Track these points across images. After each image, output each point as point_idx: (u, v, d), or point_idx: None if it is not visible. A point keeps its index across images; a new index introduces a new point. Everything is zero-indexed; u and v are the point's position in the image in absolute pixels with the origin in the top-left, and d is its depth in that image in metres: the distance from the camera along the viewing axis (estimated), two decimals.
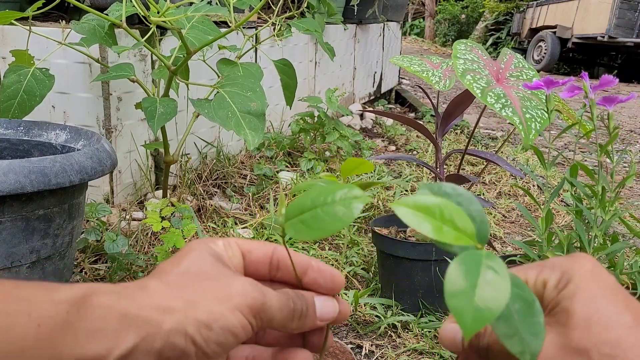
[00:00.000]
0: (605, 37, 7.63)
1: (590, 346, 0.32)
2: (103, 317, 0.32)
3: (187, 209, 1.43)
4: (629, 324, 0.33)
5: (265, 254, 0.40)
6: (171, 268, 0.36)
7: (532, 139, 1.03)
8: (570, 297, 0.34)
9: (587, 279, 0.34)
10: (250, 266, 0.40)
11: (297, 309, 0.37)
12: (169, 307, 0.33)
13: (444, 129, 1.40)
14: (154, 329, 0.32)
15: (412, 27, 13.56)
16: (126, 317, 0.32)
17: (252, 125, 1.29)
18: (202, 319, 0.33)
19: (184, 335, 0.32)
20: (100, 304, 0.32)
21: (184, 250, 0.38)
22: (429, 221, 0.31)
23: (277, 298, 0.36)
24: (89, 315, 0.31)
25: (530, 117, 1.05)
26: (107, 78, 1.41)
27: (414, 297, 1.33)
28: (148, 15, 1.30)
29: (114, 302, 0.32)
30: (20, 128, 1.25)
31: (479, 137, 3.36)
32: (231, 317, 0.33)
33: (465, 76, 1.10)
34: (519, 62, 1.26)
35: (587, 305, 0.33)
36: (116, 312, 0.32)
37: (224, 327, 0.33)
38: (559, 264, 0.36)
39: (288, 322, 0.37)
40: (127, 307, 0.32)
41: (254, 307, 0.35)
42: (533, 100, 1.09)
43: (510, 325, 0.31)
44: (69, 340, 0.30)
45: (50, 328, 0.30)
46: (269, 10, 2.58)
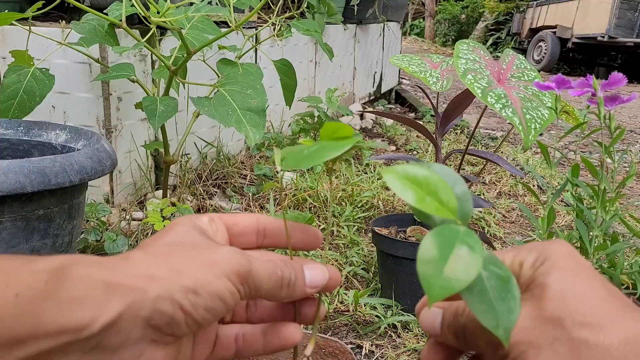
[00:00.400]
0: (605, 37, 7.64)
1: (565, 315, 0.32)
2: (85, 286, 0.31)
3: (187, 209, 1.43)
4: (603, 296, 0.33)
5: (251, 224, 0.40)
6: (155, 241, 0.36)
7: (532, 140, 1.03)
8: (546, 273, 0.34)
9: (564, 258, 0.35)
10: (237, 238, 0.40)
11: (285, 276, 0.37)
12: (154, 274, 0.32)
13: (444, 129, 1.40)
14: (139, 296, 0.31)
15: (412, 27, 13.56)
16: (109, 285, 0.31)
17: (253, 121, 1.29)
18: (189, 285, 0.32)
19: (171, 302, 0.32)
20: (81, 273, 0.31)
21: (168, 226, 0.38)
22: (414, 190, 0.32)
23: (264, 265, 0.36)
24: (70, 284, 0.30)
25: (530, 118, 1.05)
26: (107, 78, 1.41)
27: (414, 297, 1.33)
28: (148, 16, 1.30)
29: (95, 271, 0.31)
30: (20, 128, 1.25)
31: (479, 137, 3.36)
32: (218, 283, 0.33)
33: (467, 76, 1.10)
34: (520, 63, 1.26)
35: (562, 279, 0.34)
36: (99, 281, 0.31)
37: (212, 292, 0.33)
38: (536, 247, 0.36)
39: (277, 290, 0.37)
40: (110, 276, 0.31)
41: (241, 273, 0.34)
42: (534, 101, 1.09)
43: (484, 300, 0.31)
44: (50, 310, 0.29)
45: (29, 297, 0.29)
46: (268, 10, 2.58)
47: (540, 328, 0.33)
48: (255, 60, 2.40)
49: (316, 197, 1.92)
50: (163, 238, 0.36)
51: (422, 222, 1.48)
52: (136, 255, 0.34)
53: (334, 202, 1.92)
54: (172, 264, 0.33)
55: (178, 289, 0.32)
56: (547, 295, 0.33)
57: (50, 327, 0.29)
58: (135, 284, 0.32)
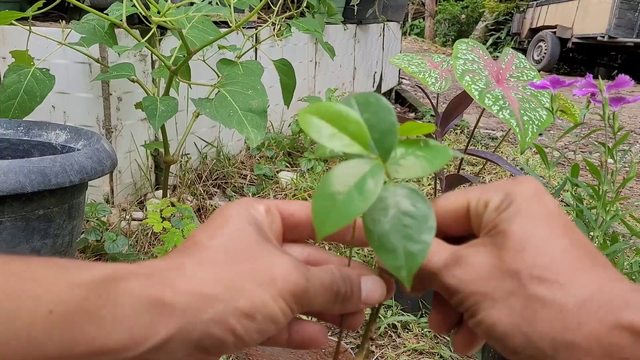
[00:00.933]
0: (605, 37, 7.64)
1: (522, 268, 0.30)
2: (131, 304, 0.28)
3: (187, 209, 1.43)
4: (563, 248, 0.31)
5: (307, 215, 0.37)
6: (208, 241, 0.33)
7: (529, 142, 1.02)
8: (509, 219, 0.32)
9: (529, 201, 0.33)
10: (292, 230, 0.37)
11: (340, 292, 0.34)
12: (209, 294, 0.30)
13: (444, 129, 1.40)
14: (192, 319, 0.29)
15: (412, 27, 13.56)
16: (159, 305, 0.28)
17: (254, 122, 1.29)
18: (245, 309, 0.30)
19: (224, 326, 0.30)
20: (127, 289, 0.28)
21: (220, 218, 0.34)
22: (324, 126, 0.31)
23: (321, 281, 0.33)
24: (114, 302, 0.28)
25: (527, 120, 1.04)
26: (107, 78, 1.41)
27: (414, 298, 1.33)
28: (149, 15, 1.30)
29: (144, 287, 0.29)
30: (20, 128, 1.25)
31: (479, 137, 3.36)
32: (274, 305, 0.31)
33: (464, 77, 1.10)
34: (520, 63, 1.26)
35: (524, 228, 0.32)
36: (147, 299, 0.28)
37: (266, 316, 0.31)
38: (503, 186, 0.34)
39: (330, 306, 0.34)
40: (161, 293, 0.29)
41: (297, 293, 0.32)
42: (532, 102, 1.09)
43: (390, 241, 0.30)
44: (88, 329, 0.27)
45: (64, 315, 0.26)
46: (268, 10, 2.58)
47: (497, 280, 0.31)
48: (255, 60, 2.40)
49: None
50: (216, 238, 0.33)
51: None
52: (189, 265, 0.31)
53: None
54: (228, 281, 0.31)
55: (233, 312, 0.30)
56: (507, 246, 0.31)
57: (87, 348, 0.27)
58: (189, 305, 0.29)
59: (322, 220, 0.29)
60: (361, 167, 0.30)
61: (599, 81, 0.79)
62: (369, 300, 0.36)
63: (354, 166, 0.30)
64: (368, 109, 0.32)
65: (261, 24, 2.18)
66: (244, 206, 0.35)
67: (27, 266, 0.28)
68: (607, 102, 0.79)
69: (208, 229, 0.33)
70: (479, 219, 0.34)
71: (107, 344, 0.27)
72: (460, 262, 0.33)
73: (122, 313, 0.28)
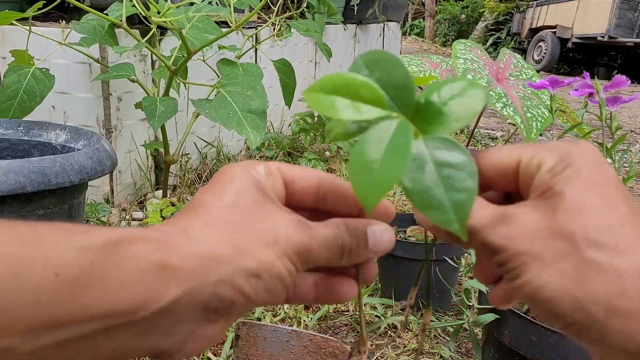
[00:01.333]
0: (605, 37, 7.63)
1: (578, 231, 0.29)
2: (139, 268, 0.28)
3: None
4: (623, 215, 0.29)
5: (310, 184, 0.36)
6: (213, 201, 0.32)
7: (534, 138, 1.02)
8: (565, 181, 0.31)
9: (588, 166, 0.31)
10: (294, 196, 0.36)
11: (345, 246, 0.34)
12: (215, 255, 0.30)
13: None
14: (199, 280, 0.29)
15: (412, 27, 13.56)
16: (167, 268, 0.28)
17: (254, 124, 1.29)
18: (251, 268, 0.30)
19: (232, 286, 0.30)
20: (134, 253, 0.28)
21: (223, 178, 0.34)
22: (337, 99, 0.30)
23: (324, 239, 0.33)
24: (121, 265, 0.28)
25: (531, 117, 1.05)
26: (107, 78, 1.41)
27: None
28: (149, 16, 1.30)
29: (150, 250, 0.29)
30: (20, 128, 1.25)
31: (479, 137, 3.36)
32: (279, 264, 0.31)
33: (467, 76, 1.10)
34: (518, 62, 1.26)
35: (582, 192, 0.30)
36: (154, 263, 0.28)
37: (272, 275, 0.31)
38: (559, 148, 0.32)
39: (336, 260, 0.34)
40: (168, 257, 0.29)
41: (301, 251, 0.32)
42: (533, 99, 1.09)
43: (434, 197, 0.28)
44: (95, 292, 0.27)
45: (70, 278, 0.26)
46: (268, 10, 2.58)
47: (547, 240, 0.30)
48: (255, 60, 2.40)
49: None
50: (222, 199, 0.32)
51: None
52: (194, 227, 0.31)
53: None
54: (234, 241, 0.31)
55: (240, 272, 0.30)
56: (562, 206, 0.30)
57: (95, 310, 0.27)
58: (196, 267, 0.29)
59: (365, 192, 0.28)
60: (387, 129, 0.29)
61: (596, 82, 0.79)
62: (377, 249, 0.35)
63: (380, 130, 0.29)
64: (377, 67, 0.31)
65: (261, 24, 2.18)
66: (245, 168, 0.34)
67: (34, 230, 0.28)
68: (604, 103, 0.79)
69: (212, 189, 0.33)
70: (529, 179, 0.33)
71: (113, 306, 0.27)
72: (508, 220, 0.31)
73: (128, 276, 0.28)
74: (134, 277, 0.28)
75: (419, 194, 0.29)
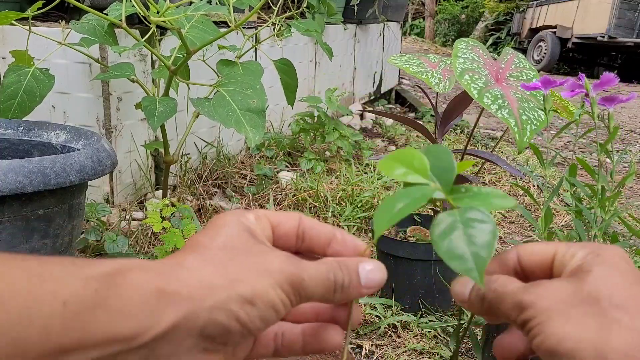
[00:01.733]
0: (605, 37, 7.63)
1: (602, 296, 0.32)
2: (138, 294, 0.30)
3: (187, 209, 1.43)
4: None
5: (292, 225, 0.39)
6: (208, 242, 0.35)
7: (526, 142, 1.02)
8: (593, 264, 0.35)
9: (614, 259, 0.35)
10: (279, 239, 0.39)
11: (337, 281, 0.36)
12: (211, 283, 0.32)
13: (444, 129, 1.40)
14: (195, 306, 0.30)
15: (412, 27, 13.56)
16: (164, 294, 0.30)
17: (253, 122, 1.29)
18: (246, 295, 0.32)
19: (227, 312, 0.31)
20: (134, 280, 0.30)
21: (217, 224, 0.36)
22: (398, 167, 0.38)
23: (316, 273, 0.35)
24: (122, 292, 0.29)
25: (526, 119, 1.04)
26: (107, 77, 1.41)
27: (414, 297, 1.33)
28: (148, 15, 1.30)
29: (150, 278, 0.30)
30: (20, 128, 1.25)
31: (479, 137, 3.36)
32: (272, 293, 0.33)
33: (464, 76, 1.10)
34: (519, 62, 1.26)
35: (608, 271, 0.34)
36: (153, 289, 0.30)
37: (267, 303, 0.32)
38: (591, 245, 0.37)
39: (330, 295, 0.36)
40: (166, 284, 0.30)
41: (294, 283, 0.34)
42: (531, 101, 1.09)
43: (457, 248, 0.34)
44: (100, 319, 0.28)
45: (77, 306, 0.28)
46: (268, 10, 2.58)
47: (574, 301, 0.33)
48: (255, 60, 2.40)
49: (316, 197, 1.92)
50: (215, 240, 0.35)
51: (422, 221, 1.48)
52: (192, 262, 0.33)
53: (333, 202, 1.92)
54: (229, 272, 0.32)
55: (235, 298, 0.31)
56: (589, 279, 0.34)
57: (99, 337, 0.28)
58: (192, 292, 0.31)
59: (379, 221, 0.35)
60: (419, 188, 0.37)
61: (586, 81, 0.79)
62: (370, 285, 0.37)
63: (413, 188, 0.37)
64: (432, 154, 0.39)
65: (261, 24, 2.18)
66: (236, 216, 0.37)
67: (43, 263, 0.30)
68: (595, 102, 0.79)
69: (206, 233, 0.36)
70: (562, 267, 0.37)
71: (115, 332, 0.29)
72: (540, 284, 0.35)
73: (128, 302, 0.29)
74: (134, 303, 0.29)
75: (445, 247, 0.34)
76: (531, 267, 0.39)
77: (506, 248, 1.79)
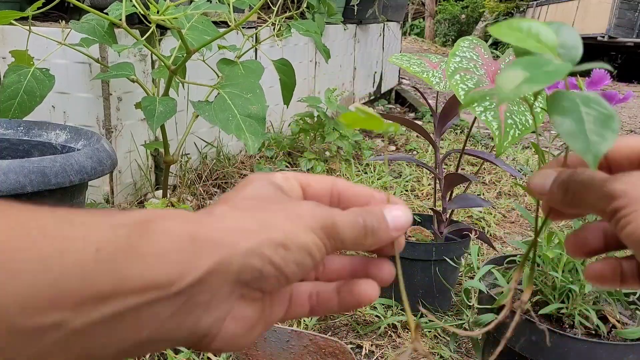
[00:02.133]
0: (605, 37, 7.64)
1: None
2: (171, 240, 0.29)
3: (187, 209, 1.43)
4: None
5: (324, 187, 0.38)
6: (235, 195, 0.35)
7: (506, 146, 1.01)
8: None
9: None
10: (310, 198, 0.38)
11: (367, 224, 0.35)
12: (243, 228, 0.31)
13: (442, 129, 1.40)
14: (229, 251, 0.30)
15: (412, 27, 13.56)
16: (197, 239, 0.30)
17: (253, 129, 1.29)
18: (278, 239, 0.31)
19: (261, 256, 0.31)
20: (166, 227, 0.30)
21: (244, 182, 0.36)
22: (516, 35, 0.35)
23: (347, 217, 0.35)
24: (155, 239, 0.29)
25: (511, 123, 1.03)
26: (107, 77, 1.41)
27: (413, 297, 1.33)
28: (148, 15, 1.30)
29: (181, 225, 0.30)
30: (20, 128, 1.25)
31: (479, 137, 3.36)
32: (305, 236, 0.32)
33: (454, 76, 1.09)
34: None
35: None
36: (186, 235, 0.30)
37: (300, 246, 0.32)
38: None
39: (361, 239, 0.35)
40: (197, 230, 0.30)
41: (326, 226, 0.33)
42: (523, 104, 1.08)
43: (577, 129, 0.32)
44: (134, 265, 0.28)
45: (110, 252, 0.28)
46: (268, 10, 2.58)
47: None
48: (255, 60, 2.40)
49: None
50: (242, 192, 0.35)
51: (422, 221, 1.48)
52: (221, 210, 0.33)
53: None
54: (259, 218, 0.32)
55: (267, 243, 0.31)
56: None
57: (134, 283, 0.28)
58: (224, 238, 0.31)
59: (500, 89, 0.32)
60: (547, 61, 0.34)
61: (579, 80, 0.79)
62: (398, 226, 0.37)
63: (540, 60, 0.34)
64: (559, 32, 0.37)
65: (261, 24, 2.18)
66: (262, 174, 0.37)
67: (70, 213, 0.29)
68: None
69: (234, 189, 0.36)
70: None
71: (151, 278, 0.28)
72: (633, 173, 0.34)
73: (162, 248, 0.29)
74: (167, 249, 0.29)
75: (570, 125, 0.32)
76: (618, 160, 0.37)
77: (506, 248, 1.79)
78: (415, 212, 1.85)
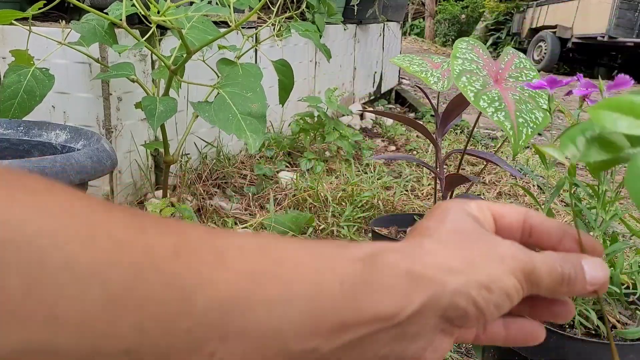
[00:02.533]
0: (605, 37, 7.64)
1: None
2: (394, 274, 0.31)
3: (187, 209, 1.43)
4: None
5: (517, 219, 0.39)
6: (437, 227, 0.35)
7: (522, 145, 1.02)
8: None
9: None
10: (502, 231, 0.39)
11: (565, 272, 0.36)
12: (451, 267, 0.32)
13: (444, 129, 1.40)
14: (439, 288, 0.32)
15: (412, 27, 13.56)
16: (413, 275, 0.32)
17: (253, 127, 1.29)
18: (483, 281, 0.32)
19: (467, 297, 0.32)
20: (388, 262, 0.32)
21: (441, 209, 0.37)
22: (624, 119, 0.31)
23: (545, 262, 0.35)
24: (381, 273, 0.31)
25: (523, 122, 1.03)
26: (107, 77, 1.41)
27: None
28: (148, 15, 1.30)
29: (399, 259, 0.32)
30: (20, 128, 1.25)
31: (479, 137, 3.36)
32: (507, 280, 0.33)
33: (461, 78, 1.10)
34: (520, 63, 1.26)
35: None
36: (403, 270, 0.32)
37: (502, 290, 0.33)
38: None
39: (557, 287, 0.36)
40: (412, 265, 0.32)
41: (525, 270, 0.34)
42: (529, 103, 1.08)
43: None
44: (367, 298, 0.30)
45: (351, 285, 0.30)
46: (268, 10, 2.58)
47: None
48: (255, 60, 2.40)
49: (316, 197, 1.92)
50: (444, 224, 0.35)
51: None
52: (429, 245, 0.34)
53: (333, 202, 1.92)
54: (465, 257, 0.33)
55: (473, 284, 0.32)
56: None
57: (367, 314, 0.30)
58: (436, 275, 0.32)
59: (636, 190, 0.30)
60: None
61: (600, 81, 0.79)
62: (594, 280, 0.37)
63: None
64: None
65: (261, 24, 2.18)
66: (458, 203, 0.38)
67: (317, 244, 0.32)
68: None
69: (433, 218, 0.37)
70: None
71: (379, 310, 0.30)
72: None
73: (387, 282, 0.31)
74: (391, 284, 0.31)
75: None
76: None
77: None
78: (415, 212, 1.85)
